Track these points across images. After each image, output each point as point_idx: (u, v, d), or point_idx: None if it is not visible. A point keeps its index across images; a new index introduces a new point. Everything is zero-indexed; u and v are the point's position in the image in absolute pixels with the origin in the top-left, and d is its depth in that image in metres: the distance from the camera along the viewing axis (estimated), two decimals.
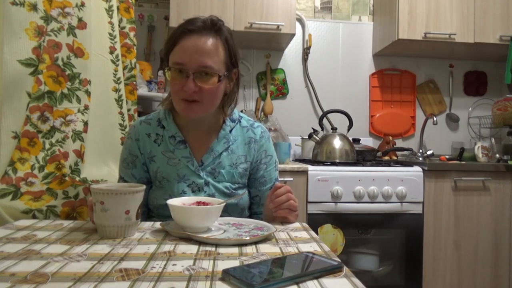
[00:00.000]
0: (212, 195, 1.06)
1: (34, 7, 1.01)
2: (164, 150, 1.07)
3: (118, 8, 1.42)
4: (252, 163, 1.12)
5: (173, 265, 0.61)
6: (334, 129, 2.26)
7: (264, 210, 1.08)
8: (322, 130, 2.51)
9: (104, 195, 0.77)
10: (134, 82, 1.52)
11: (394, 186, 1.99)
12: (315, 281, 0.55)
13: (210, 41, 0.98)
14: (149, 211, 1.13)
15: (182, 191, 1.05)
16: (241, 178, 1.10)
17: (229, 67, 1.03)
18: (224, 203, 0.84)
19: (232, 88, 1.08)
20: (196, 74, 0.96)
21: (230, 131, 1.11)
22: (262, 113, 2.64)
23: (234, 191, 1.08)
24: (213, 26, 1.00)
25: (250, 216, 1.17)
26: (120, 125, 1.39)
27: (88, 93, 1.14)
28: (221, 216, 0.84)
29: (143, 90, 2.15)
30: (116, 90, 1.39)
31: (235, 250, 0.70)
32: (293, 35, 2.34)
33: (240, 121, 1.14)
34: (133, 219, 0.80)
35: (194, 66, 0.96)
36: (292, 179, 1.95)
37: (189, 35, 0.97)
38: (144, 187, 0.82)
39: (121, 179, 1.10)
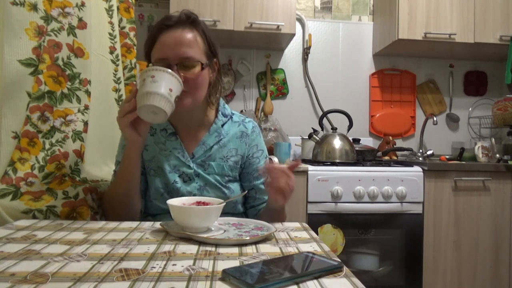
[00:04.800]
0: (203, 187, 1.08)
1: (34, 7, 1.01)
2: (157, 141, 1.11)
3: (118, 8, 1.42)
4: (243, 157, 1.14)
5: (173, 265, 0.61)
6: (334, 129, 2.26)
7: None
8: (322, 130, 2.51)
9: (156, 71, 0.90)
10: (134, 82, 1.52)
11: (394, 186, 1.99)
12: (315, 281, 0.55)
13: (187, 33, 1.02)
14: (145, 208, 1.14)
15: (174, 181, 1.07)
16: (232, 171, 1.12)
17: (210, 57, 1.06)
18: (224, 203, 0.84)
19: (215, 77, 1.11)
20: (179, 65, 1.00)
21: (222, 125, 1.13)
22: (262, 113, 2.64)
23: (224, 183, 1.10)
24: (188, 19, 1.03)
25: (245, 211, 1.19)
26: None
27: (88, 93, 1.14)
28: None
29: None
30: (116, 90, 1.39)
31: (235, 250, 0.70)
32: (293, 35, 2.34)
33: (232, 117, 1.17)
34: (173, 100, 0.91)
35: (176, 58, 0.99)
36: None
37: (167, 30, 1.01)
38: (182, 85, 0.94)
39: (119, 163, 1.11)
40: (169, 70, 0.91)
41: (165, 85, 0.90)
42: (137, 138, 0.95)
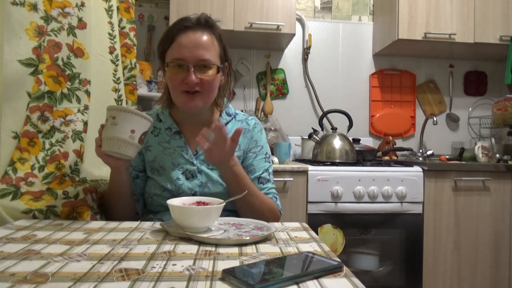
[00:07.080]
0: (204, 184, 1.09)
1: (34, 7, 1.01)
2: (161, 141, 1.13)
3: (118, 8, 1.41)
4: (244, 152, 1.16)
5: (173, 265, 0.61)
6: (334, 129, 2.26)
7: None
8: (322, 130, 2.51)
9: (117, 111, 0.86)
10: (134, 82, 1.51)
11: (394, 186, 1.99)
12: (315, 281, 0.55)
13: (206, 36, 1.05)
14: (144, 205, 1.17)
15: (176, 178, 1.09)
16: None
17: (223, 61, 1.10)
18: (224, 203, 0.84)
19: (225, 81, 1.15)
20: (196, 67, 1.02)
21: (226, 124, 1.16)
22: (262, 113, 2.64)
23: None
24: (207, 23, 1.07)
25: None
26: None
27: (88, 93, 1.14)
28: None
29: (143, 90, 2.15)
30: (116, 90, 1.39)
31: (235, 250, 0.70)
32: (293, 35, 2.34)
33: (235, 117, 1.20)
34: (136, 140, 0.88)
35: (193, 60, 1.02)
36: (292, 179, 1.95)
37: (185, 31, 1.04)
38: (151, 120, 0.91)
39: None
40: (131, 109, 0.87)
41: (126, 128, 0.86)
42: (115, 163, 0.96)
